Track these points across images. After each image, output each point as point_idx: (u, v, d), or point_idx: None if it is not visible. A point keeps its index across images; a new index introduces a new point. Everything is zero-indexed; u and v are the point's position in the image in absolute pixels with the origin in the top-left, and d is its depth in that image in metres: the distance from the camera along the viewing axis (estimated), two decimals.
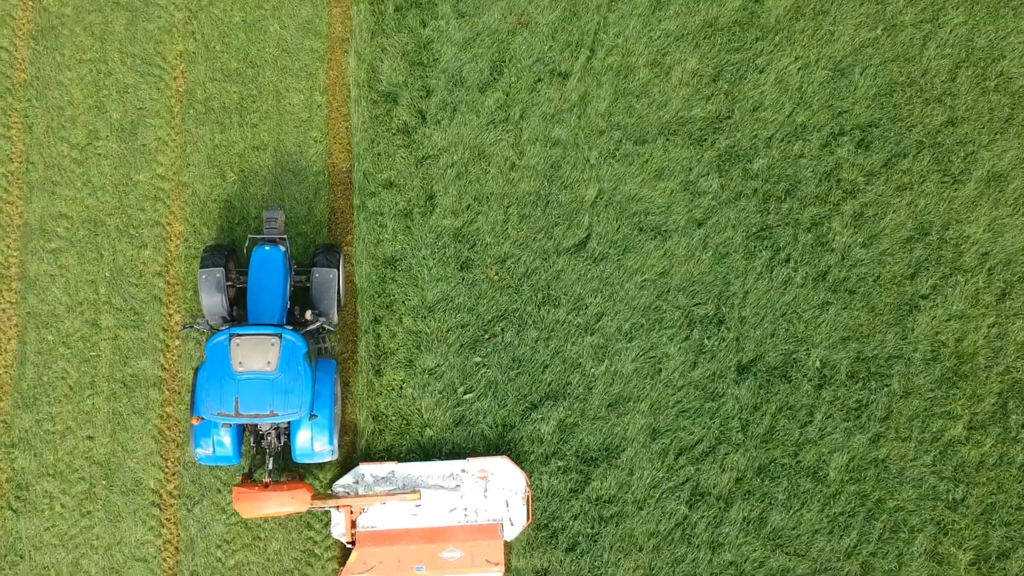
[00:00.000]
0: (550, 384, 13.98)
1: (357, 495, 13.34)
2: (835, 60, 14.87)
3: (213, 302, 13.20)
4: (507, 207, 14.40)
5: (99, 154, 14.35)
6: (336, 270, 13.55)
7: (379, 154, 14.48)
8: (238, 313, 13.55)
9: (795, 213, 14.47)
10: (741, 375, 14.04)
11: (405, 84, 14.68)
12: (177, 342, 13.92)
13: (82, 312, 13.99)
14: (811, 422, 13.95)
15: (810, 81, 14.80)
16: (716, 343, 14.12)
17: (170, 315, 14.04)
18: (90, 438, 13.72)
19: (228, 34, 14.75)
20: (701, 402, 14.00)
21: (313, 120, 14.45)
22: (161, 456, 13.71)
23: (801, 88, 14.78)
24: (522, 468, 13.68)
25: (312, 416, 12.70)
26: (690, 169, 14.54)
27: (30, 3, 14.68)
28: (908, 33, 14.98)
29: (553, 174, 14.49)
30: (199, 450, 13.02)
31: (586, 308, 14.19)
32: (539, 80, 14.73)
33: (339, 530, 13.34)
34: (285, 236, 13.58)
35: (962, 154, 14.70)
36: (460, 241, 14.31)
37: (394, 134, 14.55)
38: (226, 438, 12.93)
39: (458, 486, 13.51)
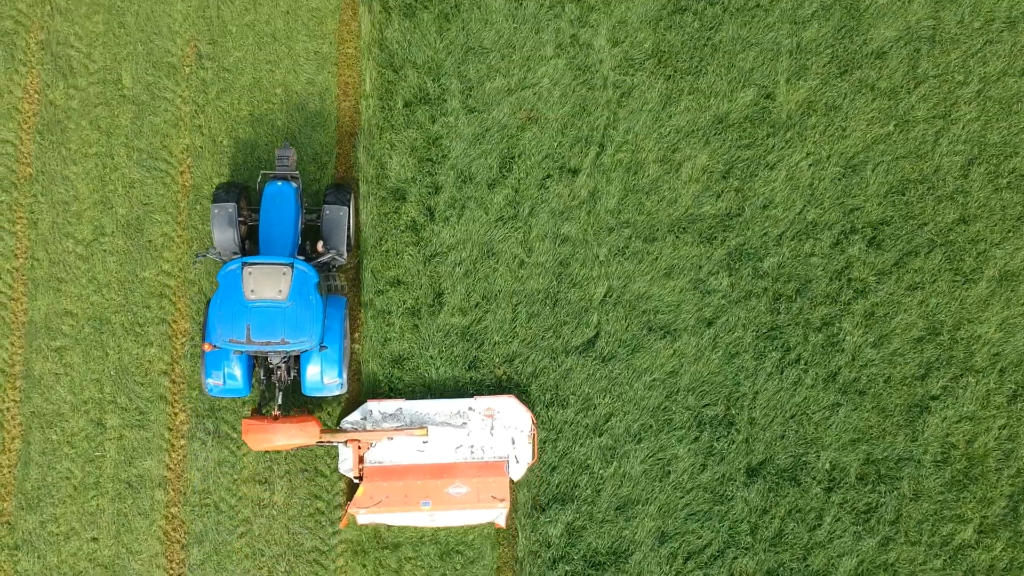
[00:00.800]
0: (558, 486, 13.90)
1: (365, 430, 13.43)
2: (847, 156, 14.77)
3: (225, 237, 13.36)
4: (515, 305, 14.31)
5: (105, 250, 14.26)
6: (347, 208, 13.63)
7: (387, 251, 14.39)
8: (250, 248, 13.82)
9: (805, 313, 14.38)
10: (750, 477, 13.95)
11: (414, 180, 14.58)
12: (183, 441, 13.84)
13: (87, 411, 13.90)
14: (820, 525, 13.87)
15: (821, 178, 14.71)
16: (725, 445, 14.03)
17: (175, 414, 13.95)
18: (94, 539, 13.64)
19: (235, 128, 14.64)
20: (710, 505, 13.91)
21: None
22: (166, 558, 13.62)
23: (812, 185, 14.68)
24: (529, 407, 13.84)
25: (322, 347, 12.80)
26: (700, 267, 14.45)
27: (36, 96, 14.58)
28: (920, 129, 14.88)
29: (562, 272, 14.40)
30: (210, 380, 13.19)
31: (595, 408, 14.10)
32: (548, 176, 14.63)
33: (347, 465, 13.51)
34: (297, 173, 13.72)
35: (974, 252, 14.60)
36: (468, 340, 14.22)
37: (402, 231, 14.45)
38: (237, 370, 13.09)
39: (465, 423, 13.69)
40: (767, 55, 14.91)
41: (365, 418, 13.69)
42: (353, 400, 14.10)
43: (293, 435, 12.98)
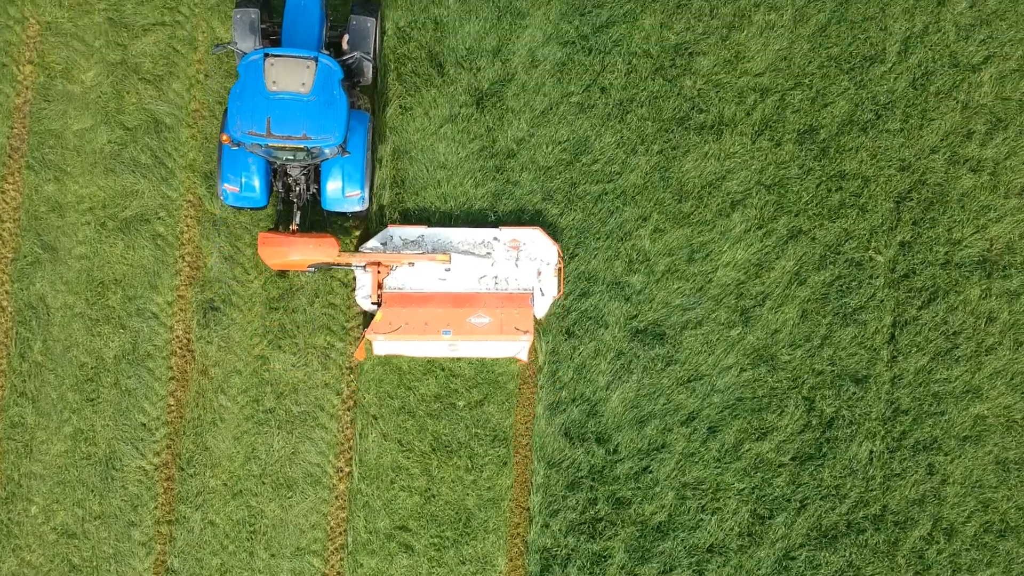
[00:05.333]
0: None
1: (385, 254, 13.14)
2: None
3: (246, 45, 13.10)
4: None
5: None
6: (374, 19, 13.38)
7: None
8: None
9: None
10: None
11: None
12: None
13: None
14: None
15: None
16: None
17: None
18: None
19: None
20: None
21: None
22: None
23: None
24: (555, 240, 13.71)
25: (344, 152, 12.46)
26: None
27: None
28: None
29: None
30: (226, 186, 12.91)
31: None
32: None
33: (364, 291, 13.17)
34: None
35: None
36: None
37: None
38: (255, 178, 12.84)
39: (489, 253, 13.43)
40: None
41: (385, 244, 13.32)
42: (374, 228, 14.01)
43: (310, 250, 12.68)
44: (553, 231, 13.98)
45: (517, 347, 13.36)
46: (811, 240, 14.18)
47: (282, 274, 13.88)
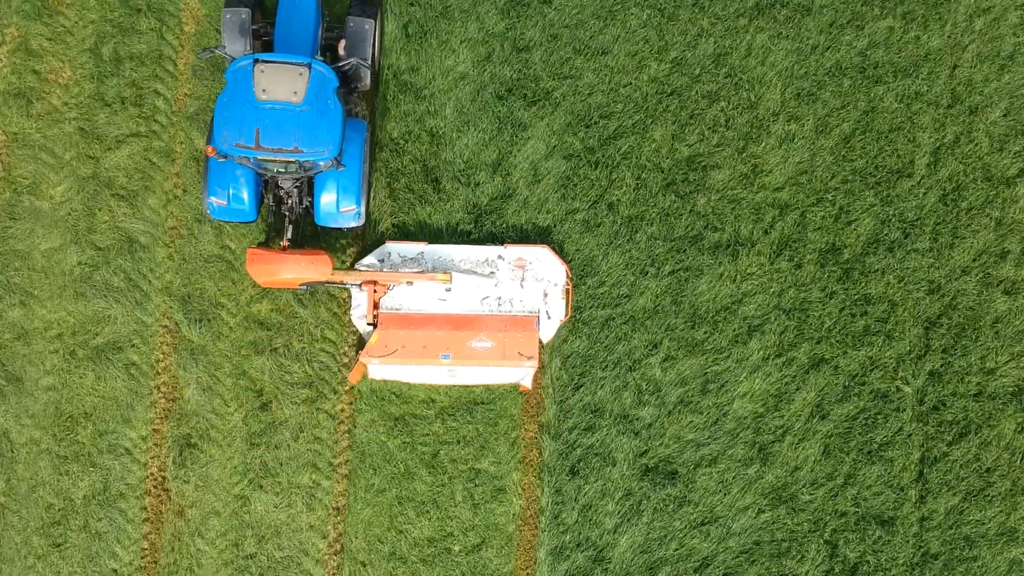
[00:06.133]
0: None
1: (382, 271, 12.46)
2: None
3: (236, 47, 12.34)
4: None
5: None
6: (373, 21, 12.63)
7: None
8: None
9: None
10: None
11: None
12: None
13: None
14: None
15: None
16: None
17: None
18: None
19: None
20: None
21: None
22: None
23: None
24: (564, 260, 12.94)
25: (339, 164, 11.76)
26: None
27: None
28: None
29: None
30: (213, 199, 12.14)
31: None
32: None
33: (360, 312, 12.52)
34: None
35: None
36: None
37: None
38: (244, 190, 12.05)
39: (493, 273, 12.71)
40: None
41: (383, 261, 12.64)
42: (371, 244, 13.11)
43: (302, 268, 11.93)
44: (562, 252, 13.10)
45: (521, 374, 12.58)
46: (834, 369, 13.19)
47: (264, 407, 12.91)
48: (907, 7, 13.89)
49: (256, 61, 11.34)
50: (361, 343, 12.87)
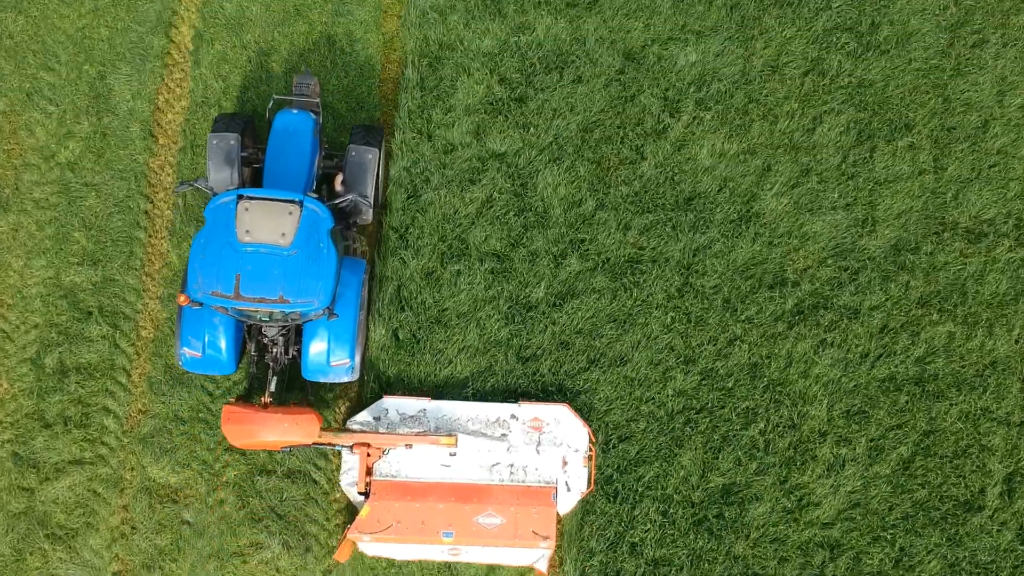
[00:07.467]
0: None
1: (377, 432, 10.87)
2: None
3: (222, 177, 10.98)
4: None
5: None
6: (377, 150, 11.40)
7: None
8: None
9: None
10: None
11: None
12: None
13: None
14: None
15: None
16: None
17: None
18: None
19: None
20: None
21: None
22: None
23: None
24: (586, 421, 11.31)
25: (331, 315, 10.21)
26: None
27: None
28: None
29: None
30: (186, 350, 10.67)
31: None
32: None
33: (350, 477, 11.03)
34: (319, 102, 11.62)
35: None
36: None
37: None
38: (221, 339, 10.66)
39: (505, 435, 11.23)
40: None
41: (378, 418, 11.13)
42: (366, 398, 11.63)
43: (286, 430, 10.36)
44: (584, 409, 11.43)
45: (535, 555, 10.86)
46: None
47: None
48: (968, 308, 12.21)
49: (240, 197, 10.03)
50: (351, 512, 11.24)
